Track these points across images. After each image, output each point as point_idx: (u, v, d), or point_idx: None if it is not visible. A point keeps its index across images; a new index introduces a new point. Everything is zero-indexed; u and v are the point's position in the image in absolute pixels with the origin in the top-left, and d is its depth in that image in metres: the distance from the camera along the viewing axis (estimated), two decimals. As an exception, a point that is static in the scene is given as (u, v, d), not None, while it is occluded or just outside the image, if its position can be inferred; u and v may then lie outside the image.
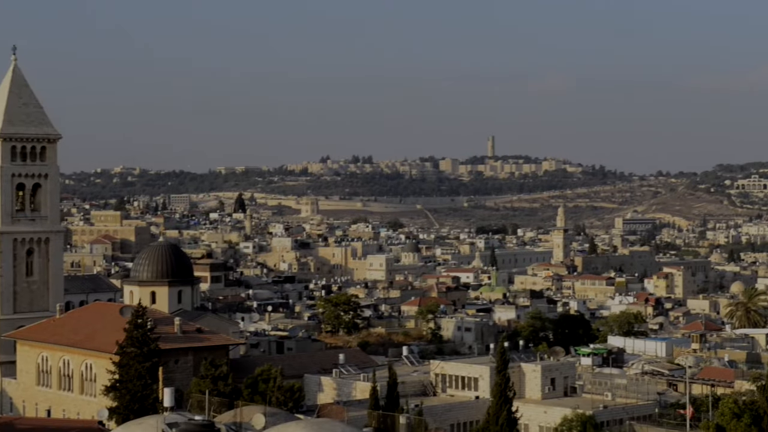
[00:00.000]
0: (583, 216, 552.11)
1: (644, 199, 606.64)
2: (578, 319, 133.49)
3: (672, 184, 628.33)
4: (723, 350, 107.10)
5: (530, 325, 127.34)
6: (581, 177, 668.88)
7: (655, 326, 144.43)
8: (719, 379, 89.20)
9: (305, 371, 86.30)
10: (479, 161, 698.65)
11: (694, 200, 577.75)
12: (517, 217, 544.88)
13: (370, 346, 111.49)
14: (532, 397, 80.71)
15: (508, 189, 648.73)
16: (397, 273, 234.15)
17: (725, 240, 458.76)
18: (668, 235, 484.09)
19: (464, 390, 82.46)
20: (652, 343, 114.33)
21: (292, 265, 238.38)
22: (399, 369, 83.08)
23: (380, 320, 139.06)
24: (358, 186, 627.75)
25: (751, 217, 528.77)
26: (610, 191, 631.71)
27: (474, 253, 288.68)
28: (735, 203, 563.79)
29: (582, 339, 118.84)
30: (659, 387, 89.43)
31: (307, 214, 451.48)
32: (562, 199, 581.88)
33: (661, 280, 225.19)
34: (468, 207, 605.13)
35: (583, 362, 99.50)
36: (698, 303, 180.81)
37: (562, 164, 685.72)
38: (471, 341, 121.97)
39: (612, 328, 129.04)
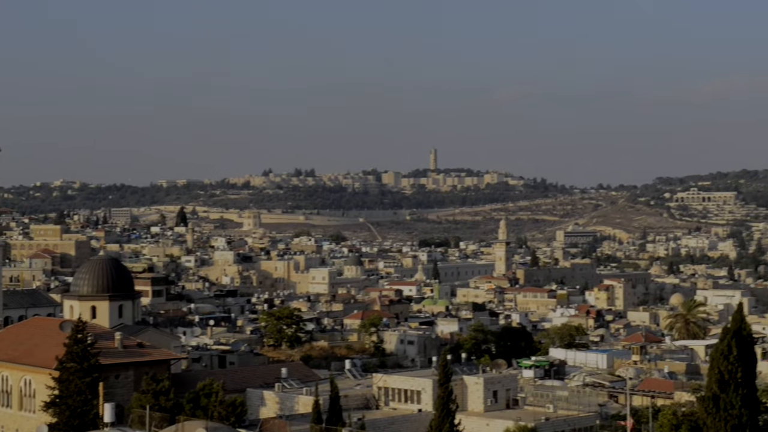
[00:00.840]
0: (524, 229, 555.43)
1: (585, 211, 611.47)
2: (520, 331, 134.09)
3: (612, 197, 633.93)
4: (663, 362, 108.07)
5: (472, 337, 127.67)
6: (523, 190, 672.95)
7: (596, 338, 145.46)
8: (659, 390, 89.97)
9: (247, 385, 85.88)
10: (422, 174, 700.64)
11: (635, 213, 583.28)
12: (460, 230, 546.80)
13: (312, 359, 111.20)
14: (475, 410, 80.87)
15: (451, 202, 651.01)
16: (339, 286, 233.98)
17: (665, 252, 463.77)
18: (609, 248, 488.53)
19: (407, 403, 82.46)
20: (593, 355, 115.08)
21: (235, 279, 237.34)
22: (342, 382, 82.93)
23: (323, 334, 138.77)
24: (301, 199, 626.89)
25: (690, 229, 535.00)
26: (551, 204, 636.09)
27: (416, 266, 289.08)
28: (674, 216, 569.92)
29: (524, 351, 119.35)
30: (600, 399, 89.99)
31: (249, 227, 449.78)
32: (504, 212, 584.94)
33: (601, 292, 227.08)
34: (410, 220, 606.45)
35: (525, 374, 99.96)
36: (638, 315, 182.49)
37: (504, 177, 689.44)
38: (414, 354, 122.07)
39: (553, 341, 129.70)
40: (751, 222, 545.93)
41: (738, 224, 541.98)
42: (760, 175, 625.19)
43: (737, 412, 45.37)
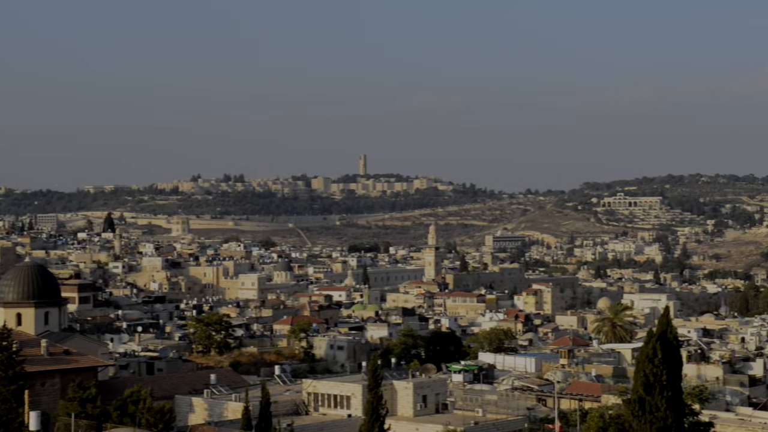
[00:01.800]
0: (454, 234, 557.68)
1: (514, 216, 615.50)
2: (449, 336, 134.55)
3: (540, 202, 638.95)
4: (590, 365, 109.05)
5: (402, 342, 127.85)
6: (452, 195, 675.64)
7: (525, 342, 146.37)
8: (587, 393, 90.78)
9: (176, 392, 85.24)
10: (351, 180, 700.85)
11: (562, 218, 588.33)
12: (389, 235, 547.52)
13: (242, 365, 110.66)
14: (405, 415, 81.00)
15: (380, 207, 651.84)
16: (269, 292, 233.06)
17: (592, 257, 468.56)
18: (537, 252, 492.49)
19: (337, 408, 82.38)
20: (521, 359, 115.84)
21: (163, 285, 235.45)
22: (271, 388, 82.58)
23: (252, 339, 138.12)
24: (230, 205, 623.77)
25: (616, 234, 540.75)
26: (480, 209, 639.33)
27: (346, 272, 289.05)
28: (601, 221, 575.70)
29: (453, 356, 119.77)
30: (529, 402, 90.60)
31: (177, 233, 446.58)
32: (433, 217, 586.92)
33: (530, 296, 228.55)
34: (340, 225, 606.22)
35: (455, 379, 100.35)
36: (566, 319, 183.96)
37: (433, 183, 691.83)
38: (343, 359, 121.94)
39: (482, 345, 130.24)
40: (677, 226, 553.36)
41: (663, 229, 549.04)
42: (685, 180, 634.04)
43: (663, 414, 45.93)
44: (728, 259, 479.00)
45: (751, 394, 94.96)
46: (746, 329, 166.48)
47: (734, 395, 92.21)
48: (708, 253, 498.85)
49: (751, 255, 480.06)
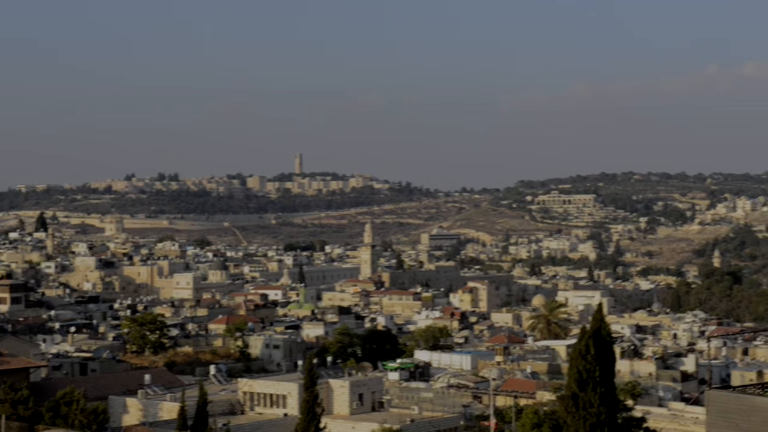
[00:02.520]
0: (390, 232, 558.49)
1: (449, 215, 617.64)
2: (385, 334, 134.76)
3: (476, 200, 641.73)
4: (525, 362, 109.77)
5: (338, 341, 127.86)
6: (388, 194, 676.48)
7: (461, 340, 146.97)
8: (522, 390, 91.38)
9: (110, 393, 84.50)
10: (287, 178, 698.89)
11: (497, 216, 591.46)
12: (325, 233, 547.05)
13: (177, 365, 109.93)
14: (341, 413, 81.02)
15: (316, 206, 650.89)
16: (204, 291, 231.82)
17: (527, 254, 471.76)
18: (473, 250, 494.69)
19: (273, 408, 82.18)
20: (457, 357, 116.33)
21: (96, 285, 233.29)
22: (206, 388, 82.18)
23: (187, 339, 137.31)
24: (164, 204, 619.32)
25: (551, 231, 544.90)
26: (416, 207, 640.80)
27: (282, 270, 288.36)
28: (536, 218, 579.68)
29: (389, 354, 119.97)
30: (464, 399, 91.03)
31: (111, 232, 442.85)
32: (369, 215, 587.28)
33: (466, 294, 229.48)
34: (276, 224, 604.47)
35: (391, 377, 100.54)
36: (502, 316, 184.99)
37: (369, 181, 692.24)
38: (279, 358, 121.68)
39: (419, 343, 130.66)
40: (610, 224, 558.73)
41: (597, 226, 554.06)
42: (618, 178, 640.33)
43: (596, 410, 46.28)
44: (660, 256, 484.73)
45: (683, 390, 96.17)
46: (678, 325, 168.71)
47: (667, 390, 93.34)
48: (641, 250, 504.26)
49: (682, 252, 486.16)
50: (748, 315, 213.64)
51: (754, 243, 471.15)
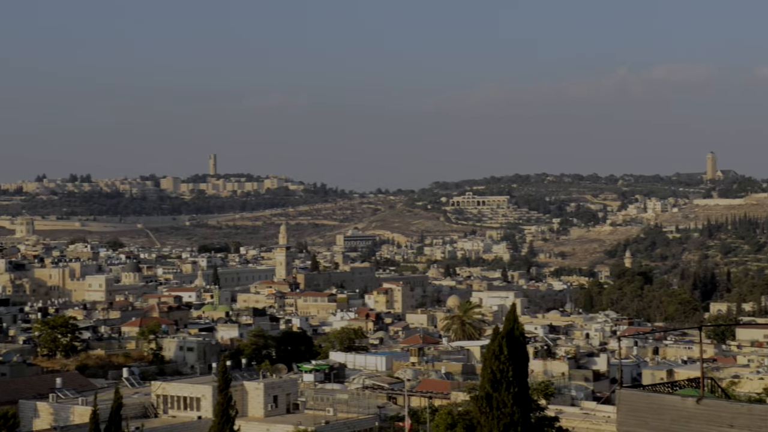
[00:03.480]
0: (305, 233, 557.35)
1: (364, 216, 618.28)
2: (301, 335, 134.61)
3: (391, 202, 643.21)
4: (440, 363, 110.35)
5: (253, 343, 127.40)
6: (303, 195, 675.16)
7: (376, 341, 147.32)
8: (436, 391, 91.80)
9: (20, 397, 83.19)
10: (201, 180, 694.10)
11: (412, 217, 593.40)
12: (240, 235, 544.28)
13: (89, 368, 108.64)
14: (255, 415, 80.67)
15: (231, 207, 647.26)
16: (117, 293, 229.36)
17: (442, 255, 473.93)
18: (388, 252, 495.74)
19: (186, 410, 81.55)
20: (372, 358, 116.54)
21: (6, 288, 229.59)
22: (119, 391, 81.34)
23: (100, 342, 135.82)
24: (77, 205, 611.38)
25: (465, 233, 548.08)
26: (331, 209, 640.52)
27: (196, 272, 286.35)
28: (450, 220, 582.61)
29: (304, 355, 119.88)
30: (379, 400, 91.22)
31: (22, 234, 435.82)
32: (284, 217, 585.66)
33: (381, 295, 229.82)
34: (190, 226, 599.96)
35: (306, 378, 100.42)
36: (416, 317, 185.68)
37: (284, 182, 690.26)
38: (193, 361, 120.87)
39: (334, 344, 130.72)
40: (523, 225, 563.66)
41: (511, 227, 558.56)
42: (532, 179, 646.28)
43: (509, 410, 46.61)
44: (573, 256, 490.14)
45: (595, 389, 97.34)
46: (590, 325, 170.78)
47: (579, 390, 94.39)
48: (554, 251, 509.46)
49: (594, 252, 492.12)
50: (658, 315, 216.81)
51: (665, 243, 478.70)
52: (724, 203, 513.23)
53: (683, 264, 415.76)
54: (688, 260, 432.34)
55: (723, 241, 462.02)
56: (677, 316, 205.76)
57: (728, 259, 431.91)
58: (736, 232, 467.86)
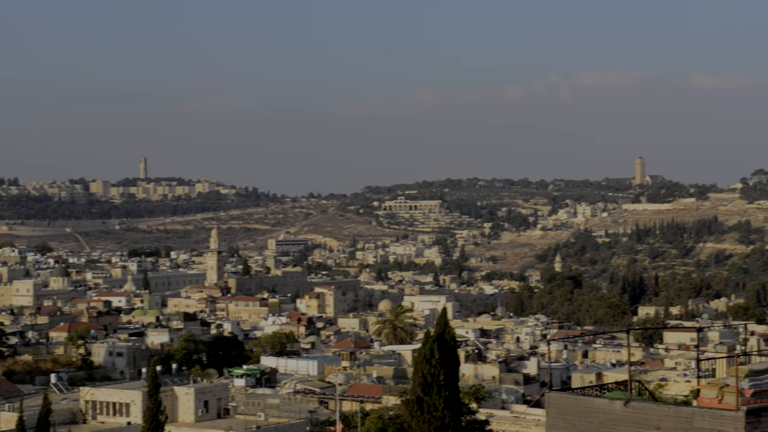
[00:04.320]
0: (236, 238, 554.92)
1: (296, 220, 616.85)
2: (232, 340, 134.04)
3: (323, 206, 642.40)
4: (372, 367, 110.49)
5: (183, 348, 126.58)
6: (235, 199, 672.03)
7: (307, 345, 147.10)
8: (368, 395, 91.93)
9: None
10: (131, 183, 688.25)
11: (345, 221, 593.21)
12: (171, 239, 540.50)
13: (16, 374, 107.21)
14: (186, 421, 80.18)
15: (161, 211, 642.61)
16: (45, 298, 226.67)
17: (374, 260, 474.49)
18: (320, 256, 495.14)
19: (116, 416, 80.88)
20: (304, 362, 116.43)
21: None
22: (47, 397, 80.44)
23: (27, 347, 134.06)
24: (4, 209, 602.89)
25: (397, 237, 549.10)
26: (263, 213, 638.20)
27: (126, 277, 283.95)
28: (383, 224, 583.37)
29: (235, 360, 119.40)
30: (311, 405, 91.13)
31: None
32: (215, 221, 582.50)
33: (312, 299, 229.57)
34: (120, 230, 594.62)
35: (237, 383, 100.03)
36: (348, 321, 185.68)
37: (215, 186, 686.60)
38: (123, 366, 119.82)
39: (265, 349, 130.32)
40: (455, 229, 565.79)
41: (443, 231, 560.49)
42: (464, 184, 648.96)
43: (440, 413, 46.80)
44: (504, 261, 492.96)
45: (525, 392, 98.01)
46: (521, 329, 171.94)
47: (510, 393, 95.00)
48: (485, 255, 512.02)
49: (525, 257, 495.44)
50: (588, 318, 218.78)
51: (594, 248, 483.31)
52: (653, 208, 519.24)
53: (612, 268, 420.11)
54: (617, 264, 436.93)
55: (651, 246, 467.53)
56: (606, 320, 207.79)
57: (656, 263, 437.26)
58: (663, 237, 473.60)
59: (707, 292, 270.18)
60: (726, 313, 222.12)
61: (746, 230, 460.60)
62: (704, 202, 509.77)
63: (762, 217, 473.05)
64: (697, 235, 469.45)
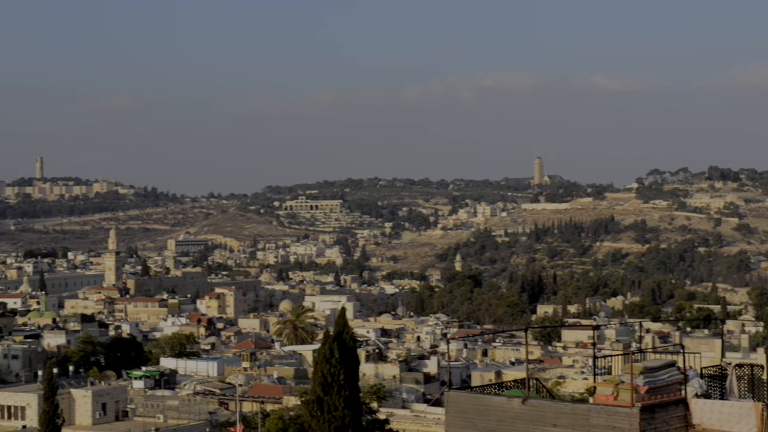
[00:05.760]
0: (135, 238, 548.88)
1: (196, 220, 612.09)
2: (130, 342, 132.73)
3: (223, 206, 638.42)
4: (272, 367, 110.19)
5: (81, 350, 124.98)
6: (133, 199, 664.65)
7: (208, 346, 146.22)
8: (268, 395, 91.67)
9: None
10: (27, 183, 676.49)
11: (245, 221, 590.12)
12: (68, 240, 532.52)
13: None
14: (83, 424, 79.14)
15: (58, 211, 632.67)
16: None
17: (275, 260, 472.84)
18: (220, 256, 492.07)
19: (11, 420, 79.47)
20: (204, 364, 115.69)
21: None
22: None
23: None
24: None
25: (298, 237, 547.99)
26: (162, 213, 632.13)
27: (22, 278, 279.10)
28: (283, 224, 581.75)
29: (134, 362, 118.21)
30: (211, 406, 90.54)
31: None
32: (114, 221, 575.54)
33: (213, 300, 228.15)
34: (15, 230, 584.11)
35: (136, 385, 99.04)
36: (249, 322, 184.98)
37: (113, 186, 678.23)
38: (18, 369, 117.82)
39: (164, 350, 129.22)
40: (356, 229, 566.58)
41: (344, 231, 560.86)
42: (364, 184, 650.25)
43: (340, 413, 46.86)
44: (405, 260, 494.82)
45: (425, 391, 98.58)
46: (422, 328, 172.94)
47: (410, 392, 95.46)
48: (386, 255, 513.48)
49: (426, 256, 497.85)
50: (488, 317, 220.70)
51: (494, 247, 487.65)
52: (551, 208, 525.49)
53: (511, 267, 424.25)
54: (517, 264, 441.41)
55: (550, 245, 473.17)
56: (506, 319, 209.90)
57: (554, 262, 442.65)
58: (562, 236, 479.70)
59: (604, 291, 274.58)
60: (622, 311, 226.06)
61: (642, 229, 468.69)
62: (601, 202, 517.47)
63: (657, 217, 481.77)
64: (594, 235, 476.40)
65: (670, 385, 26.60)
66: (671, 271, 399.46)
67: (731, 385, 28.51)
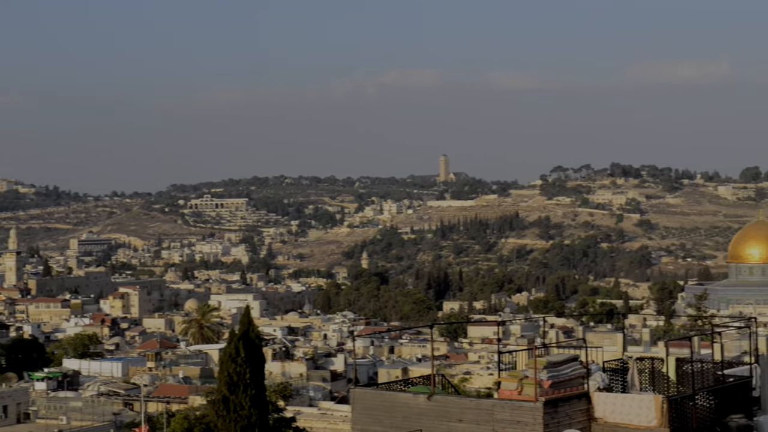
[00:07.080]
0: (37, 238, 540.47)
1: (100, 219, 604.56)
2: (32, 343, 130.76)
3: (127, 205, 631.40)
4: (178, 367, 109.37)
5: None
6: (35, 198, 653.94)
7: (112, 347, 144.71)
8: (174, 395, 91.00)
9: None
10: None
11: (149, 220, 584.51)
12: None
13: None
14: (-17, 427, 77.83)
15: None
16: None
17: (180, 259, 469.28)
18: (124, 255, 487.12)
19: None
20: (108, 364, 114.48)
21: None
22: None
23: None
24: None
25: (204, 235, 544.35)
26: (64, 212, 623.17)
27: None
28: (188, 222, 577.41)
29: (36, 363, 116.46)
30: (115, 407, 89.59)
31: None
32: (14, 221, 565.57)
33: (117, 300, 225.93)
34: None
35: (38, 387, 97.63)
36: (154, 322, 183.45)
37: (14, 185, 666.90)
38: None
39: (67, 351, 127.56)
40: (262, 227, 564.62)
41: (250, 230, 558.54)
42: (270, 182, 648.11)
43: (247, 412, 46.57)
44: (312, 258, 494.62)
45: (332, 389, 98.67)
46: (328, 326, 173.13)
47: (317, 390, 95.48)
48: (293, 253, 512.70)
49: (332, 254, 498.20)
50: (394, 314, 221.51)
51: (400, 245, 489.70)
52: (457, 204, 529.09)
53: (418, 264, 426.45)
54: (423, 261, 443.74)
55: (455, 242, 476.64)
56: (412, 315, 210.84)
57: (460, 258, 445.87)
58: (467, 233, 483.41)
59: (509, 287, 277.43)
60: (527, 306, 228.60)
61: (546, 226, 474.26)
62: (506, 199, 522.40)
63: (560, 213, 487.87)
64: (499, 231, 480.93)
65: (573, 379, 26.96)
66: (575, 266, 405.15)
67: (632, 379, 28.99)
